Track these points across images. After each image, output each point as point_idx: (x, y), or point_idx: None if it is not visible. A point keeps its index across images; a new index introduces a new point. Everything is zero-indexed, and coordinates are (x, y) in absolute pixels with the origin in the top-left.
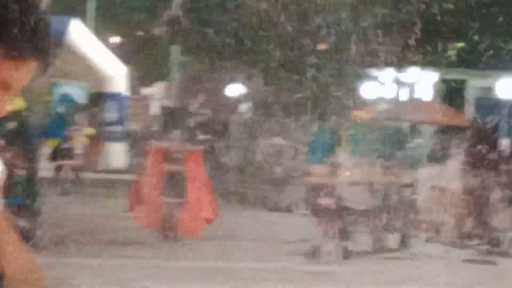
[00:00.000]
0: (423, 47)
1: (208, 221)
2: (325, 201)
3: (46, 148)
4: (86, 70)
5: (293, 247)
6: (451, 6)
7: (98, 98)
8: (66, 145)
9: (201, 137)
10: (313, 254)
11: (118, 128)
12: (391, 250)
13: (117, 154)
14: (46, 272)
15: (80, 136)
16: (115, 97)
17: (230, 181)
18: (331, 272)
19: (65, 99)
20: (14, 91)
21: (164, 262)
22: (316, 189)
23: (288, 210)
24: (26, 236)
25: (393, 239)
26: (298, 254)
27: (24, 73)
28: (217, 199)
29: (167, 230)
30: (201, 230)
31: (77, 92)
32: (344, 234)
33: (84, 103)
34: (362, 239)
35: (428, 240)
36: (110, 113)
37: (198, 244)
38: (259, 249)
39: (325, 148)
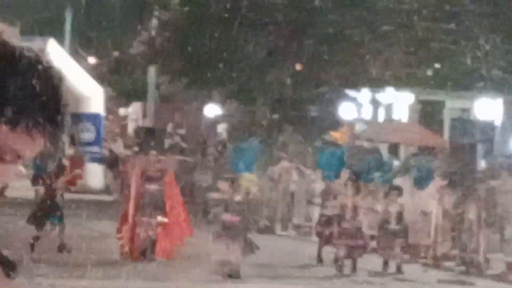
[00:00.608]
0: (400, 68)
1: (181, 240)
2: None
3: None
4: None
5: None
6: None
7: (75, 119)
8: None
9: (178, 157)
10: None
11: (95, 149)
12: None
13: (94, 174)
14: None
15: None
16: (91, 117)
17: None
18: None
19: None
20: (23, 161)
21: (139, 283)
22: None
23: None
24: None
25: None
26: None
27: (36, 147)
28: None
29: (145, 250)
30: (174, 250)
31: None
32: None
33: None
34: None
35: (404, 261)
36: (87, 134)
37: (176, 264)
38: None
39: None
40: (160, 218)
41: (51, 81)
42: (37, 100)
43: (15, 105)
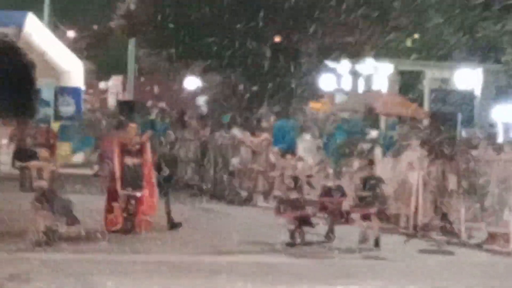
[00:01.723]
0: (379, 38)
1: (150, 214)
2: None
3: None
4: (42, 65)
5: (249, 239)
6: None
7: (57, 93)
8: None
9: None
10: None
11: (75, 122)
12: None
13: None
14: (1, 268)
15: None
16: (71, 91)
17: (188, 174)
18: (288, 264)
19: None
20: None
21: (122, 256)
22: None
23: (246, 202)
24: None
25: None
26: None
27: (6, 131)
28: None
29: (127, 223)
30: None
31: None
32: (304, 224)
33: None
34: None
35: (385, 231)
36: (67, 107)
37: (157, 237)
38: (217, 242)
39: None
40: (139, 192)
41: (24, 70)
42: (9, 89)
43: None
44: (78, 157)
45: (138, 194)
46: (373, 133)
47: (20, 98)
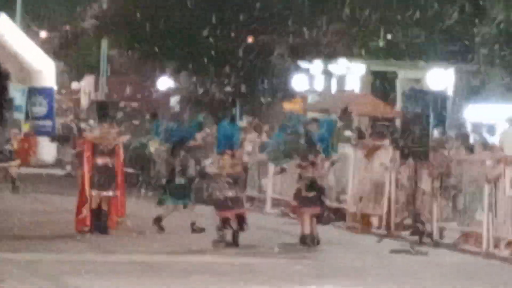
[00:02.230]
0: (352, 39)
1: (121, 215)
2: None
3: None
4: (14, 65)
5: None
6: None
7: (29, 93)
8: (7, 147)
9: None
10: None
11: (47, 122)
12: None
13: (47, 148)
14: None
15: (18, 136)
16: (43, 91)
17: (159, 175)
18: (262, 264)
19: None
20: None
21: (95, 256)
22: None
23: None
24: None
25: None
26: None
27: None
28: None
29: (97, 223)
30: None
31: (13, 93)
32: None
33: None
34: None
35: (357, 231)
36: (39, 108)
37: (129, 238)
38: (189, 241)
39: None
40: (111, 192)
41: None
42: None
43: None
44: (50, 157)
45: (110, 194)
46: (347, 133)
47: None
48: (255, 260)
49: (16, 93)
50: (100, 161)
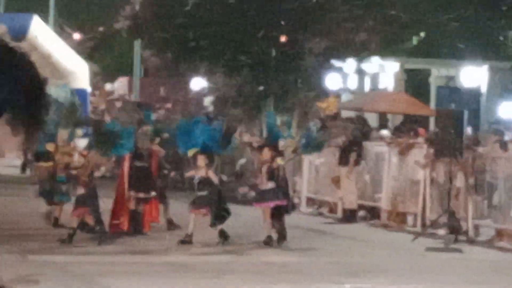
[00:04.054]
0: (385, 37)
1: (154, 219)
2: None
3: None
4: (47, 67)
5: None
6: None
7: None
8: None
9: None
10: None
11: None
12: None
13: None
14: (10, 270)
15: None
16: (77, 93)
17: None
18: (295, 263)
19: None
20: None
21: (128, 257)
22: None
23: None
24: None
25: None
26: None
27: (14, 142)
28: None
29: (132, 224)
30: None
31: (58, 92)
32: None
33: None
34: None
35: (392, 229)
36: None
37: (162, 239)
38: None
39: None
40: (148, 194)
41: (37, 80)
42: (22, 95)
43: (1, 97)
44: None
45: (147, 196)
46: (384, 133)
47: (31, 112)
48: (288, 259)
49: (57, 90)
50: (138, 163)
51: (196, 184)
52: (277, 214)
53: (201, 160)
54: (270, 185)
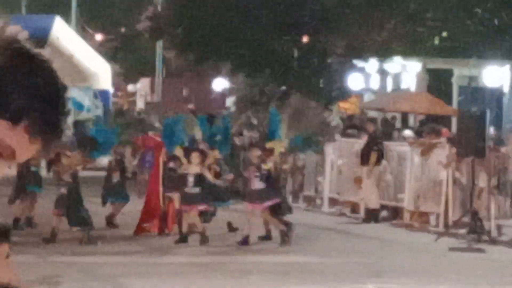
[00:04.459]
0: (407, 37)
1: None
2: None
3: None
4: (69, 68)
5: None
6: None
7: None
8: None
9: None
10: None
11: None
12: None
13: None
14: (31, 271)
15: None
16: (100, 94)
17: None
18: (316, 264)
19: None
20: (13, 161)
21: (152, 258)
22: None
23: None
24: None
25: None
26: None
27: (32, 149)
28: None
29: (163, 223)
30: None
31: (80, 95)
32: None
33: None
34: None
35: (415, 229)
36: (96, 110)
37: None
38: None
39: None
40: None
41: (57, 88)
42: (41, 103)
43: (20, 103)
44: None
45: (175, 196)
46: (407, 133)
47: (50, 120)
48: (311, 259)
49: (80, 93)
50: (171, 164)
51: (189, 181)
52: (272, 214)
53: (195, 157)
54: (260, 185)
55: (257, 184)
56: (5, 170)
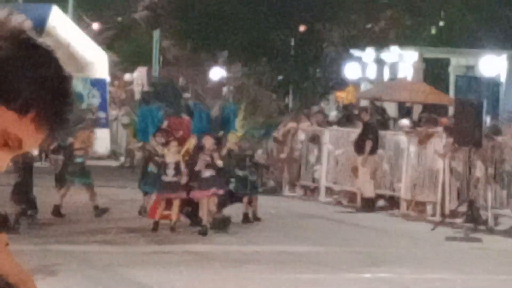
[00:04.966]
0: (404, 26)
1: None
2: None
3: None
4: (67, 57)
5: (275, 229)
6: None
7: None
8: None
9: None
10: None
11: (100, 114)
12: None
13: (100, 140)
14: (30, 260)
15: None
16: (96, 83)
17: None
18: (314, 253)
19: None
20: (20, 151)
21: (149, 247)
22: None
23: (274, 192)
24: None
25: None
26: None
27: (38, 139)
28: None
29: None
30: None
31: (78, 84)
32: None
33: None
34: None
35: (412, 218)
36: (92, 99)
37: (183, 229)
38: (242, 232)
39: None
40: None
41: (63, 78)
42: (48, 93)
43: (28, 93)
44: (104, 149)
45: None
46: (404, 122)
47: (56, 110)
48: (308, 249)
49: (79, 83)
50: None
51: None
52: (218, 203)
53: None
54: (209, 172)
55: (206, 172)
56: (8, 161)
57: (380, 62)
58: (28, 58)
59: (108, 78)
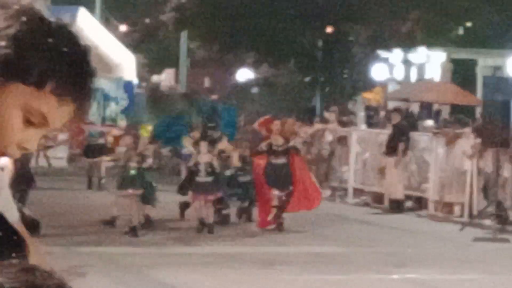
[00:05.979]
0: (431, 27)
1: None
2: None
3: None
4: (94, 59)
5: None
6: None
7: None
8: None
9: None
10: None
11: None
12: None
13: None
14: (59, 261)
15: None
16: (124, 85)
17: None
18: (340, 254)
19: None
20: (48, 130)
21: (176, 248)
22: None
23: None
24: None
25: None
26: None
27: (63, 113)
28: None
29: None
30: None
31: (109, 85)
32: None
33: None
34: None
35: (439, 219)
36: (121, 101)
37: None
38: (270, 233)
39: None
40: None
41: (79, 48)
42: (64, 63)
43: (42, 66)
44: None
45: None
46: (429, 123)
47: (76, 79)
48: (335, 249)
49: (112, 84)
50: (274, 160)
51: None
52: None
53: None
54: (207, 178)
55: (205, 178)
56: (38, 141)
57: (407, 63)
58: (38, 31)
59: (135, 80)
